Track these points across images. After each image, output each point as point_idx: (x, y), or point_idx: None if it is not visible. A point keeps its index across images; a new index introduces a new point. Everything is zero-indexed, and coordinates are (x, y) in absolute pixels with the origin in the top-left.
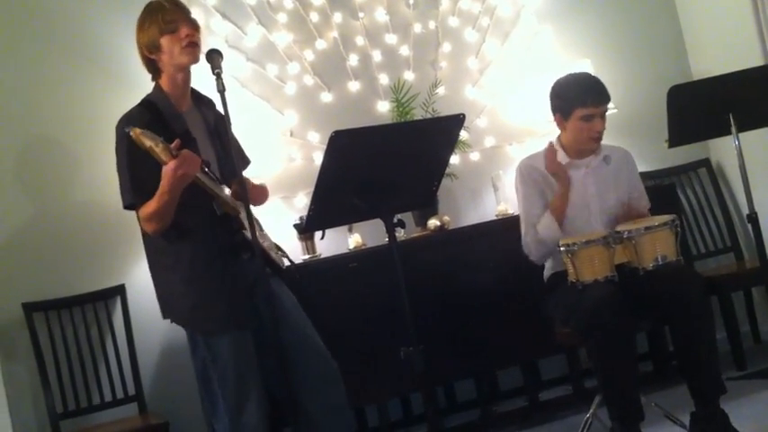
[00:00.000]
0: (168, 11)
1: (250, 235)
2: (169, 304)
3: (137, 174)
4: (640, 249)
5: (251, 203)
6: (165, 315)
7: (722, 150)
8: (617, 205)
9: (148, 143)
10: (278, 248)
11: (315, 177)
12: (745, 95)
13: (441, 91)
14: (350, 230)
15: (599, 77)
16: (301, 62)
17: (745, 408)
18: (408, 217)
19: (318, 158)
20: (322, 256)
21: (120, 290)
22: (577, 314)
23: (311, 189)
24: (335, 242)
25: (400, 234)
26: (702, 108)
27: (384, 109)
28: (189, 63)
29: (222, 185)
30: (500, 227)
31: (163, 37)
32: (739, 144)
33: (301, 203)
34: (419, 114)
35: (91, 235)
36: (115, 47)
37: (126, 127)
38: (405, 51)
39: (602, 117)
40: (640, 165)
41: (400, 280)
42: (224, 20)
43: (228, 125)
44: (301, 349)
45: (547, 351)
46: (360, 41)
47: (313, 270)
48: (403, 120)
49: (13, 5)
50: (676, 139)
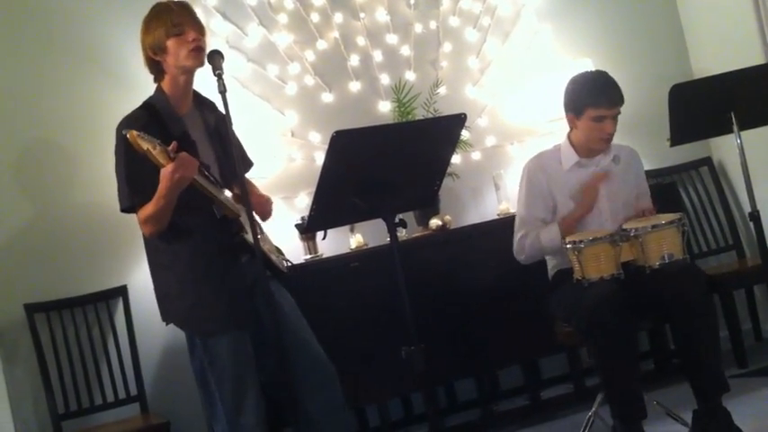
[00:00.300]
0: (176, 13)
1: (251, 237)
2: (167, 305)
3: (134, 176)
4: (647, 247)
5: (259, 217)
6: (164, 317)
7: (724, 149)
8: (626, 204)
9: (145, 146)
10: (278, 251)
11: (316, 177)
12: (746, 94)
13: (442, 91)
14: (351, 230)
15: (612, 77)
16: (302, 62)
17: (746, 405)
18: (410, 217)
19: (319, 159)
20: (324, 256)
21: (122, 291)
22: (579, 312)
23: (312, 189)
24: (337, 242)
25: (402, 234)
26: (704, 106)
27: (385, 109)
28: (194, 67)
29: (222, 188)
30: (501, 226)
31: (169, 39)
32: (741, 142)
33: (303, 204)
34: (420, 114)
35: (92, 236)
36: (116, 48)
37: (124, 129)
38: (406, 51)
39: (613, 119)
40: (642, 163)
41: (401, 280)
42: (225, 20)
43: (230, 126)
44: (299, 352)
45: (548, 350)
46: (361, 41)
47: (315, 270)
48: (404, 120)
49: (14, 7)
50: (678, 138)
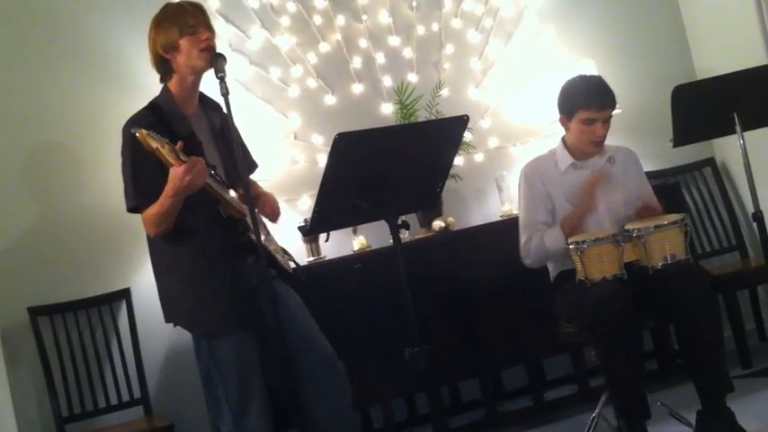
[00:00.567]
0: (191, 13)
1: (255, 238)
2: (171, 306)
3: (140, 176)
4: (649, 248)
5: (268, 218)
6: (168, 318)
7: (727, 149)
8: (624, 205)
9: (154, 144)
10: (284, 252)
11: (319, 179)
12: (749, 94)
13: (444, 92)
14: (354, 232)
15: (606, 81)
16: (304, 65)
17: (750, 406)
18: (413, 218)
19: (322, 161)
20: (327, 258)
21: (125, 293)
22: (582, 312)
23: (315, 191)
24: (340, 244)
25: (405, 235)
26: (706, 107)
27: (388, 111)
28: (205, 67)
29: (228, 188)
30: (505, 227)
31: (183, 38)
32: (744, 143)
33: (305, 206)
34: (423, 116)
35: (96, 239)
36: (120, 51)
37: (132, 128)
38: (408, 53)
39: (604, 122)
40: (645, 164)
41: (405, 281)
42: (227, 23)
43: (233, 128)
44: (306, 351)
45: (551, 350)
46: (363, 44)
47: (318, 272)
48: (406, 122)
49: (18, 10)
50: (681, 139)
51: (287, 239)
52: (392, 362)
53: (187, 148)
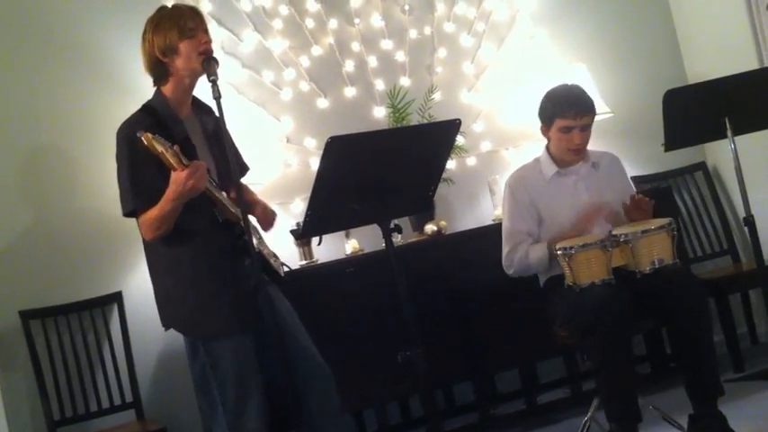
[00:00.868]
0: (189, 17)
1: (253, 240)
2: (169, 310)
3: (138, 180)
4: (637, 252)
5: (261, 225)
6: (165, 323)
7: (718, 154)
8: (615, 206)
9: (160, 148)
10: (275, 256)
11: (311, 183)
12: (740, 99)
13: (437, 96)
14: (347, 236)
15: (589, 89)
16: (297, 68)
17: (742, 409)
18: (405, 222)
19: (315, 164)
20: (319, 262)
21: (117, 297)
22: (575, 316)
23: (308, 195)
24: (333, 248)
25: (397, 239)
26: (698, 112)
27: (380, 114)
28: (203, 70)
29: (221, 192)
30: (497, 231)
31: (182, 42)
32: (735, 147)
33: (298, 209)
34: (415, 120)
35: (88, 242)
36: (115, 54)
37: (137, 132)
38: (400, 57)
39: (582, 130)
40: (637, 168)
41: (398, 285)
42: (219, 26)
43: (225, 131)
44: (298, 357)
45: (545, 354)
46: (355, 47)
47: (310, 275)
48: (399, 125)
49: (13, 13)
50: (672, 143)
51: (279, 243)
52: (385, 365)
53: (182, 152)
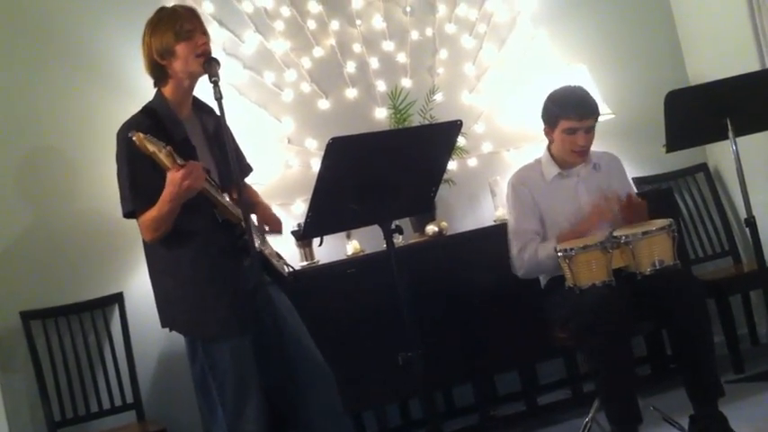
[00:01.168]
0: (186, 18)
1: (249, 241)
2: (168, 311)
3: (138, 181)
4: (638, 254)
5: (269, 231)
6: (165, 323)
7: (720, 155)
8: (612, 210)
9: (152, 148)
10: (279, 256)
11: (312, 184)
12: (741, 100)
13: (438, 97)
14: (348, 237)
15: (590, 90)
16: (298, 69)
17: (743, 410)
18: (406, 223)
19: (316, 165)
20: (320, 263)
21: (118, 298)
22: (576, 317)
23: (309, 196)
24: (334, 248)
25: (398, 240)
26: (699, 113)
27: (381, 116)
28: (201, 72)
29: (223, 193)
30: (498, 232)
31: (179, 44)
32: (736, 149)
33: (299, 210)
34: (416, 121)
35: (89, 243)
36: (114, 55)
37: (129, 132)
38: (402, 58)
39: (586, 132)
40: (638, 169)
41: (398, 286)
42: (221, 27)
43: (226, 132)
44: (299, 358)
45: (545, 355)
46: (357, 48)
47: (311, 276)
48: (400, 126)
49: (13, 14)
50: (674, 144)
51: (280, 244)
52: (385, 366)
53: (181, 153)
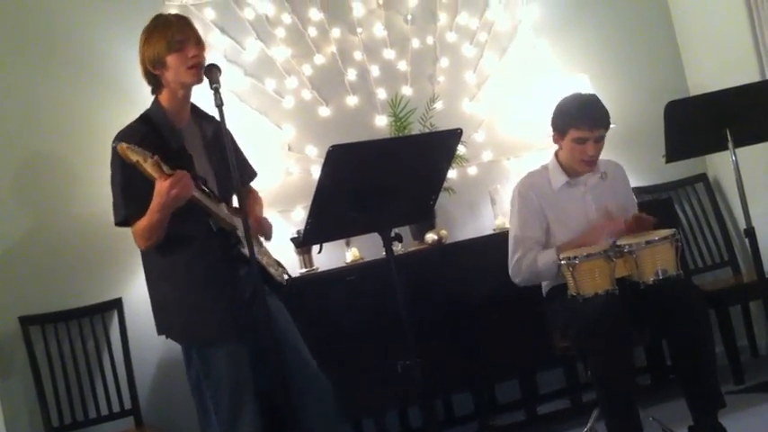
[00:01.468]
0: (177, 28)
1: (248, 251)
2: (164, 317)
3: (128, 190)
4: (641, 263)
5: (261, 237)
6: (161, 330)
7: (719, 165)
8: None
9: (134, 158)
10: (278, 265)
11: (312, 191)
12: (741, 111)
13: (438, 105)
14: (347, 244)
15: (600, 101)
16: (299, 76)
17: (742, 421)
18: (406, 231)
19: (316, 172)
20: (319, 270)
21: (117, 303)
22: (576, 327)
23: (309, 203)
24: (333, 256)
25: (398, 248)
26: (699, 123)
27: (382, 123)
28: (193, 83)
29: (219, 201)
30: (498, 241)
31: (170, 55)
32: (736, 159)
33: (299, 217)
34: (417, 129)
35: (88, 249)
36: (114, 61)
37: (114, 142)
38: (402, 66)
39: (596, 141)
40: (638, 179)
41: (398, 293)
42: (222, 34)
43: (227, 138)
44: (295, 367)
45: (545, 364)
46: (358, 56)
47: (310, 283)
48: (400, 134)
49: (12, 20)
50: (673, 155)
51: (280, 251)
52: (385, 374)
53: (177, 161)
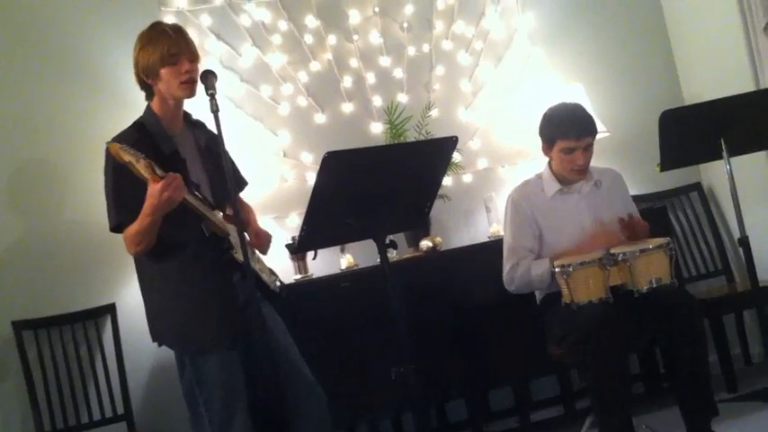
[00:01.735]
0: (173, 41)
1: (242, 257)
2: (157, 322)
3: (121, 195)
4: (635, 271)
5: (258, 250)
6: (155, 337)
7: (713, 174)
8: (613, 226)
9: (127, 158)
10: (271, 272)
11: (307, 197)
12: (736, 120)
13: (434, 113)
14: (342, 251)
15: (587, 108)
16: (295, 83)
17: (736, 429)
18: (400, 238)
19: (311, 179)
20: (314, 276)
21: (110, 309)
22: (571, 335)
23: (304, 209)
24: (328, 262)
25: (392, 255)
26: (694, 132)
27: (377, 130)
28: (185, 98)
29: (214, 208)
30: (492, 248)
31: (163, 68)
32: (730, 168)
33: (294, 223)
34: (412, 136)
35: (82, 254)
36: (109, 67)
37: (106, 142)
38: (398, 74)
39: (584, 150)
40: (632, 187)
41: (392, 300)
42: (218, 41)
43: (222, 145)
44: (289, 375)
45: (539, 371)
46: (354, 63)
47: (305, 290)
48: (396, 141)
49: (6, 25)
50: (668, 163)
51: (274, 257)
52: (378, 381)
53: (171, 166)
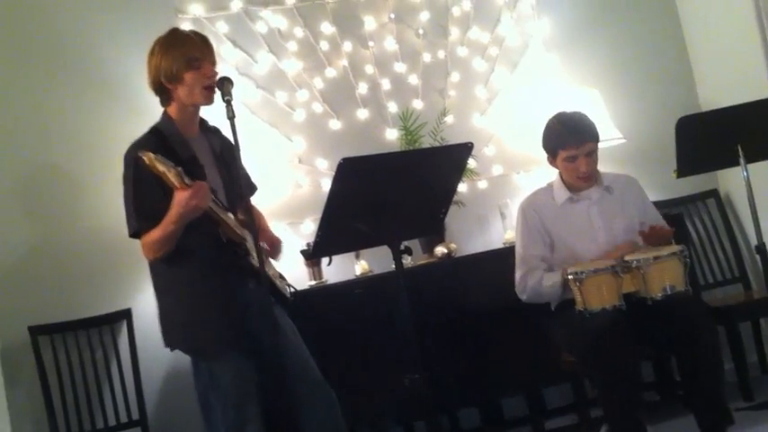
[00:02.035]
0: (198, 47)
1: (257, 262)
2: (169, 327)
3: (142, 202)
4: (649, 279)
5: (270, 256)
6: (167, 342)
7: (731, 181)
8: (624, 233)
9: (161, 168)
10: (281, 277)
11: (322, 204)
12: (753, 126)
13: (449, 119)
14: (357, 257)
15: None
16: (310, 89)
17: None
18: (415, 244)
19: (326, 185)
20: (328, 282)
21: (126, 314)
22: (581, 343)
23: (318, 215)
24: (342, 268)
25: (407, 261)
26: (711, 139)
27: (392, 137)
28: (204, 105)
29: (228, 212)
30: (507, 255)
31: (188, 72)
32: (748, 175)
33: (308, 230)
34: (427, 142)
35: (97, 259)
36: (123, 74)
37: (139, 152)
38: (413, 80)
39: (587, 156)
40: (649, 194)
41: (406, 307)
42: (235, 47)
43: (237, 152)
44: (302, 380)
45: (553, 379)
46: (369, 70)
47: (319, 296)
48: (411, 148)
49: (20, 31)
50: (685, 170)
51: (289, 263)
52: (392, 388)
53: (189, 171)
